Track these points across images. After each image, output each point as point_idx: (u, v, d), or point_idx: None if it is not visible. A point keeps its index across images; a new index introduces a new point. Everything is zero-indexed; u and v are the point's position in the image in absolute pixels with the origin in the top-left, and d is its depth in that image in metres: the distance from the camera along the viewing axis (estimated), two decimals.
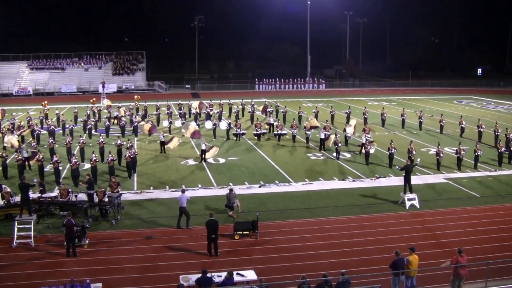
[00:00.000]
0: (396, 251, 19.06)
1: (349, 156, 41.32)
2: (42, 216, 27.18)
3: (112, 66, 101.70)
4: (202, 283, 18.17)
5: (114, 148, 39.03)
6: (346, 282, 18.42)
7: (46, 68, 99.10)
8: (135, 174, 35.92)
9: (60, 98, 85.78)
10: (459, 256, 18.88)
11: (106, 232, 25.76)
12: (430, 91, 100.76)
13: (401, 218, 27.89)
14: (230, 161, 40.22)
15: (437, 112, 64.25)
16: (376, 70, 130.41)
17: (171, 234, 25.60)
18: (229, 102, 63.85)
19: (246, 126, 54.02)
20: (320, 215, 28.38)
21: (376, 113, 60.55)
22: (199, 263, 21.94)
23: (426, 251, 22.80)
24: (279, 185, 33.69)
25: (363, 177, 35.54)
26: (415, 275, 19.08)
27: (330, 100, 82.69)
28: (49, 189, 31.17)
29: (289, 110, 61.83)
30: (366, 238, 25.11)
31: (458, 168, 37.12)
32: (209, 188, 32.95)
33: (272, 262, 22.59)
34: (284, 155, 42.21)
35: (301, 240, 24.92)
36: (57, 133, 48.25)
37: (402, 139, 47.64)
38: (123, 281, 20.86)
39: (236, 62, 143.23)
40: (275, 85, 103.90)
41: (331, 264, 22.04)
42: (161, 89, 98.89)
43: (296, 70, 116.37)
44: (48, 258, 23.04)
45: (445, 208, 29.42)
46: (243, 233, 25.08)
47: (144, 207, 29.37)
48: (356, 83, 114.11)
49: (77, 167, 33.41)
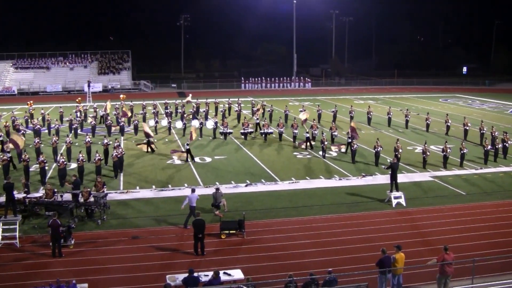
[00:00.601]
0: (383, 249, 19.07)
1: (335, 154, 41.36)
2: (28, 217, 26.97)
3: (97, 65, 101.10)
4: (189, 282, 18.10)
5: (101, 147, 38.82)
6: (333, 281, 18.45)
7: (31, 68, 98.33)
8: (122, 174, 35.76)
9: (45, 98, 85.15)
10: (445, 254, 18.92)
11: (92, 232, 25.60)
12: (416, 89, 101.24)
13: (388, 216, 27.97)
14: (217, 160, 40.16)
15: (423, 110, 64.62)
16: (362, 68, 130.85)
17: (158, 233, 25.50)
18: (215, 101, 63.72)
19: (233, 125, 53.89)
20: (307, 213, 28.39)
21: (362, 112, 60.72)
22: (185, 263, 21.87)
23: (413, 249, 22.90)
24: (266, 184, 33.66)
25: (349, 175, 35.60)
26: (402, 273, 19.08)
27: (317, 99, 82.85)
28: (34, 189, 30.98)
29: (276, 109, 61.83)
30: (353, 237, 25.15)
31: (444, 166, 37.31)
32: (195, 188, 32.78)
33: (259, 261, 22.58)
34: (270, 154, 42.21)
35: (287, 239, 24.91)
36: (43, 133, 47.90)
37: (388, 137, 47.82)
38: (110, 281, 20.74)
39: (222, 61, 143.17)
40: (261, 84, 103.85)
41: (318, 263, 22.05)
42: (147, 88, 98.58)
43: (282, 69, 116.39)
44: (34, 258, 22.86)
45: (431, 206, 29.55)
46: (229, 233, 25.04)
47: (130, 207, 29.23)
48: (342, 81, 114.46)
49: (64, 167, 33.18)
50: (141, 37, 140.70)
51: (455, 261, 19.48)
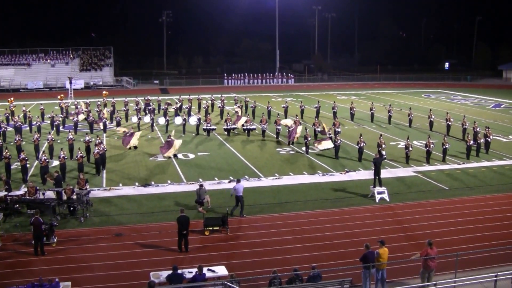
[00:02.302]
0: (366, 244, 19.09)
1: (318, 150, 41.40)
2: (9, 215, 26.68)
3: (79, 61, 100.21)
4: (173, 279, 18.03)
5: (83, 144, 38.53)
6: (317, 276, 18.48)
7: (11, 64, 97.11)
8: (104, 171, 35.52)
9: (26, 95, 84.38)
10: (429, 248, 18.99)
11: (75, 230, 25.41)
12: (398, 85, 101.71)
13: (371, 211, 28.05)
14: (200, 156, 40.03)
15: (405, 106, 64.87)
16: (345, 64, 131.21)
17: (141, 231, 25.37)
18: (198, 97, 63.51)
19: (216, 121, 53.75)
20: (290, 209, 28.39)
21: (345, 107, 60.85)
22: (169, 260, 21.81)
23: (396, 244, 23.00)
24: (249, 180, 33.60)
25: (332, 171, 35.66)
26: (385, 268, 19.15)
27: (299, 94, 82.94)
28: (16, 187, 30.68)
29: (258, 105, 61.79)
30: (337, 232, 25.21)
31: (427, 161, 37.49)
32: (178, 184, 32.73)
33: (243, 257, 22.56)
34: (253, 150, 42.17)
35: (271, 235, 24.90)
36: (24, 130, 47.44)
37: (371, 133, 47.97)
38: (93, 279, 20.61)
39: (204, 58, 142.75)
40: (244, 80, 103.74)
41: (302, 259, 22.05)
42: (129, 84, 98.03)
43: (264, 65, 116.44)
44: (16, 257, 22.62)
45: (415, 201, 29.71)
46: (213, 229, 24.98)
47: (113, 204, 29.04)
48: (324, 77, 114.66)
49: (46, 165, 32.86)
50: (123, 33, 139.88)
51: (438, 256, 19.63)
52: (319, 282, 18.45)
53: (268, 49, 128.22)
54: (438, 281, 18.79)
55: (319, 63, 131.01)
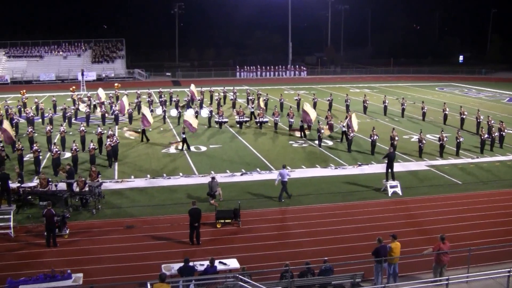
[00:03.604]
0: (379, 238, 18.98)
1: (331, 143, 41.22)
2: (22, 206, 26.81)
3: (91, 53, 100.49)
4: (184, 272, 18.03)
5: (95, 136, 38.60)
6: (328, 270, 18.42)
7: (24, 56, 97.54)
8: (116, 163, 35.57)
9: (39, 87, 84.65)
10: (441, 243, 18.89)
11: (87, 222, 25.49)
12: (411, 78, 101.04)
13: (384, 205, 27.92)
14: (212, 149, 40.00)
15: (419, 99, 64.38)
16: (358, 57, 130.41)
17: (153, 223, 25.39)
18: (210, 89, 63.42)
19: (228, 114, 53.68)
20: (302, 202, 28.31)
21: (358, 100, 60.54)
22: (181, 252, 21.82)
23: (409, 238, 22.86)
24: (261, 173, 33.55)
25: (345, 164, 35.51)
26: (398, 262, 19.05)
27: (312, 87, 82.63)
28: (28, 179, 30.79)
29: (271, 97, 61.62)
30: (349, 226, 25.10)
31: (440, 155, 37.22)
32: (190, 177, 32.72)
33: (254, 250, 22.50)
34: (265, 143, 42.08)
35: (283, 228, 24.88)
36: (36, 122, 47.63)
37: (384, 126, 47.69)
38: (105, 271, 20.65)
39: (216, 50, 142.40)
40: (256, 73, 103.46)
41: (314, 252, 21.98)
42: (141, 77, 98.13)
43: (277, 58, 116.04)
44: (28, 248, 22.73)
45: (427, 195, 29.51)
46: (225, 222, 24.97)
47: (125, 196, 29.10)
48: (337, 70, 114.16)
49: (58, 156, 32.97)
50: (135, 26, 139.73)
51: (451, 250, 19.47)
52: (331, 275, 18.41)
53: (280, 41, 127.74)
54: (451, 276, 18.65)
55: (332, 56, 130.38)
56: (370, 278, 19.14)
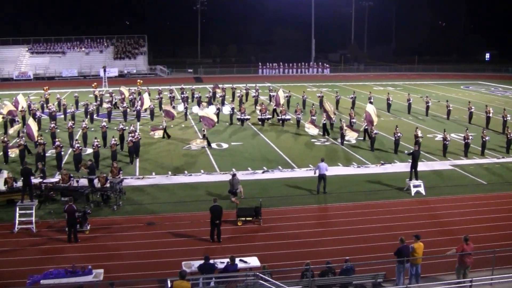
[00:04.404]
0: (401, 238, 18.78)
1: (354, 141, 40.89)
2: (44, 202, 27.00)
3: (113, 50, 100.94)
4: (204, 269, 18.03)
5: (116, 132, 38.72)
6: (350, 270, 18.29)
7: (46, 52, 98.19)
8: (137, 159, 35.63)
9: (61, 83, 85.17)
10: (465, 244, 18.64)
11: (108, 218, 25.56)
12: (436, 76, 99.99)
13: (407, 205, 27.61)
14: (233, 146, 39.92)
15: (443, 97, 63.68)
16: (381, 54, 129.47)
17: (173, 220, 25.39)
18: (232, 86, 63.34)
19: (250, 111, 53.58)
20: (324, 201, 28.15)
21: (382, 98, 60.02)
22: (201, 249, 21.75)
23: (432, 239, 22.52)
24: (283, 170, 33.38)
25: (368, 163, 35.19)
26: (420, 263, 18.85)
27: (335, 85, 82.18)
28: (50, 174, 30.96)
29: (293, 94, 61.36)
30: (371, 225, 24.86)
31: (465, 154, 36.70)
32: (211, 174, 32.67)
33: (275, 248, 22.37)
34: (287, 141, 41.89)
35: (304, 227, 24.69)
36: (58, 118, 47.93)
37: (407, 124, 47.22)
38: (125, 267, 20.69)
39: (238, 46, 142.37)
40: (278, 70, 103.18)
41: (335, 251, 21.82)
42: (163, 73, 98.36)
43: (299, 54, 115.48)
44: (50, 243, 22.88)
45: (451, 195, 29.13)
46: (246, 220, 24.86)
47: (146, 193, 29.15)
48: (361, 67, 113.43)
49: (79, 152, 33.13)
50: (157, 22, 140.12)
51: (475, 252, 19.17)
52: (352, 275, 18.24)
53: (303, 38, 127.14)
54: (474, 278, 18.39)
55: (355, 53, 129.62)
56: (392, 279, 18.95)
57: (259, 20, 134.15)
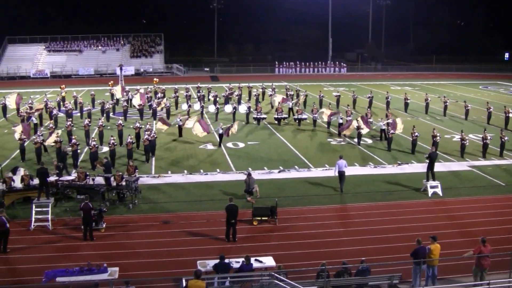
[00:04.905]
0: (418, 240, 18.64)
1: (371, 142, 40.61)
2: (60, 200, 27.17)
3: (129, 48, 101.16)
4: (219, 268, 18.01)
5: (132, 131, 38.81)
6: (365, 270, 18.17)
7: (63, 51, 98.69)
8: (153, 158, 35.69)
9: (78, 81, 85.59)
10: (482, 246, 18.47)
11: (123, 216, 25.62)
12: (454, 76, 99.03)
13: (423, 205, 27.39)
14: (249, 145, 39.85)
15: (461, 97, 63.07)
16: (399, 54, 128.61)
17: (189, 219, 25.38)
18: (249, 85, 63.25)
19: (266, 110, 53.46)
20: (340, 201, 28.04)
21: (399, 98, 59.62)
22: (217, 249, 21.69)
23: (448, 240, 22.29)
24: (299, 170, 33.27)
25: (384, 163, 34.96)
26: (437, 264, 18.70)
27: (352, 84, 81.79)
28: (66, 172, 31.09)
29: (310, 94, 61.16)
30: (387, 226, 24.71)
31: (483, 155, 36.32)
32: (227, 173, 32.63)
33: (291, 248, 22.30)
34: (304, 140, 41.74)
35: (320, 227, 24.59)
36: (74, 116, 48.14)
37: (425, 124, 46.85)
38: (140, 265, 20.74)
39: (255, 45, 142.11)
40: (295, 69, 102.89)
41: (351, 252, 21.70)
42: (179, 72, 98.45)
43: (316, 53, 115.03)
44: (65, 241, 22.98)
45: (469, 196, 28.86)
46: (261, 219, 24.79)
47: (161, 192, 29.19)
48: (378, 67, 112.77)
49: (96, 150, 33.22)
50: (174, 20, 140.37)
51: (492, 254, 18.93)
52: (368, 276, 18.11)
53: (320, 37, 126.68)
54: (492, 281, 18.16)
55: (373, 52, 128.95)
56: (408, 280, 18.81)
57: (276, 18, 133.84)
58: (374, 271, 18.73)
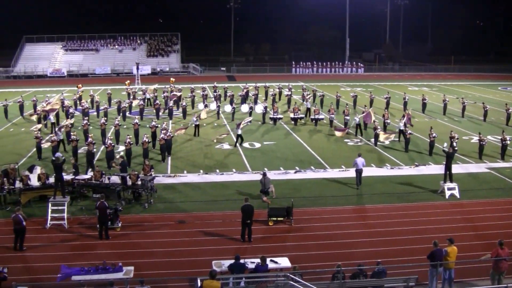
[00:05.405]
0: (435, 242, 18.48)
1: (387, 142, 40.34)
2: (75, 198, 27.30)
3: (146, 47, 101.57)
4: (235, 269, 17.97)
5: (149, 130, 38.88)
6: (381, 272, 18.02)
7: (80, 50, 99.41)
8: (169, 158, 35.72)
9: (94, 80, 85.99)
10: (500, 249, 18.27)
11: (139, 216, 25.68)
12: (473, 76, 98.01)
13: (440, 207, 27.15)
14: (266, 145, 39.77)
15: (480, 98, 62.44)
16: (417, 54, 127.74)
17: (204, 219, 25.36)
18: (265, 85, 63.13)
19: (283, 110, 53.33)
20: (356, 202, 27.89)
21: (417, 99, 59.20)
22: (232, 249, 21.71)
23: (466, 243, 22.10)
24: (315, 171, 33.12)
25: (401, 164, 34.71)
26: (454, 267, 18.50)
27: (369, 84, 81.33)
28: (82, 171, 31.24)
29: (327, 94, 60.95)
30: (404, 228, 24.52)
31: (501, 157, 35.92)
32: (243, 173, 32.58)
33: (306, 249, 22.21)
34: (320, 141, 41.57)
35: (336, 228, 24.48)
36: (91, 115, 48.32)
37: (442, 126, 46.46)
38: (155, 265, 20.77)
39: (272, 45, 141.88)
40: (312, 69, 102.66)
41: (367, 253, 21.56)
42: (195, 71, 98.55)
43: (333, 54, 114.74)
44: (81, 240, 23.09)
45: (487, 198, 28.52)
46: (277, 220, 24.70)
47: (177, 191, 29.21)
48: (395, 67, 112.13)
49: (112, 149, 33.32)
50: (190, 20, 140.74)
51: (510, 257, 18.74)
52: (384, 278, 17.95)
53: (337, 37, 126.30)
54: (510, 284, 17.89)
55: (390, 52, 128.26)
56: (424, 283, 18.59)
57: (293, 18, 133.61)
58: (390, 273, 18.58)
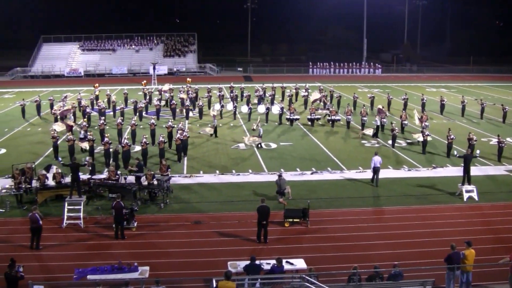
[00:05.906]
0: (452, 245, 18.34)
1: (405, 144, 40.04)
2: (91, 198, 27.40)
3: (163, 47, 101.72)
4: (250, 270, 17.91)
5: (165, 130, 38.93)
6: (398, 275, 17.90)
7: (97, 50, 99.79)
8: (185, 158, 35.74)
9: (111, 80, 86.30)
10: None
11: (155, 216, 25.72)
12: (492, 77, 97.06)
13: (458, 210, 26.89)
14: (282, 146, 39.66)
15: (499, 100, 61.82)
16: (435, 55, 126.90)
17: (220, 219, 25.33)
18: (282, 85, 62.98)
19: (300, 111, 53.18)
20: (373, 204, 27.71)
21: (435, 100, 58.77)
22: (247, 250, 21.67)
23: (484, 246, 21.87)
24: (332, 172, 32.97)
25: (419, 166, 34.43)
26: (471, 271, 18.35)
27: (387, 85, 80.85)
28: (98, 171, 31.37)
29: (344, 95, 60.68)
30: (421, 230, 24.29)
31: None
32: (259, 174, 32.50)
33: (322, 251, 22.10)
34: (337, 142, 41.38)
35: (352, 230, 24.34)
36: (107, 115, 48.53)
37: (461, 127, 46.06)
38: (171, 265, 20.80)
39: (289, 45, 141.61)
40: (329, 69, 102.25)
41: (383, 255, 21.42)
42: (212, 71, 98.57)
43: (351, 54, 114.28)
44: (97, 239, 23.19)
45: (506, 201, 28.19)
46: (293, 221, 24.62)
47: (193, 191, 29.20)
48: (413, 68, 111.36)
49: (128, 149, 33.37)
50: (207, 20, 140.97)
51: None
52: (400, 281, 17.80)
53: (354, 37, 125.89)
54: None
55: (408, 53, 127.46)
56: (441, 286, 18.45)
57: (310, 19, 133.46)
58: (406, 275, 18.40)
